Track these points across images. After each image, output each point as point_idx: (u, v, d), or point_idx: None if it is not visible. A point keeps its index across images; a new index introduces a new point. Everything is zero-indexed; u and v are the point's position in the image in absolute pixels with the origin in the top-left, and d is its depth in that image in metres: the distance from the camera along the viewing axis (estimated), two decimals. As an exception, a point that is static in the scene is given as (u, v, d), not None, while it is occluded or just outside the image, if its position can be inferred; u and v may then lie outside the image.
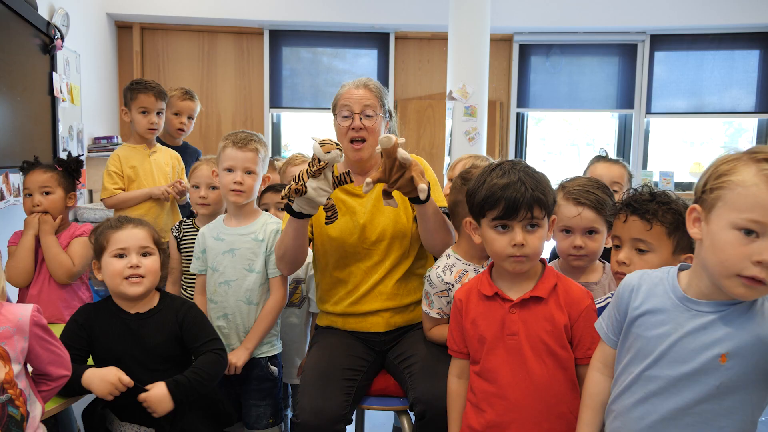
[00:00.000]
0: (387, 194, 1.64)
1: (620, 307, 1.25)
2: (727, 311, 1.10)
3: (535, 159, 5.68)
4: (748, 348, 1.07)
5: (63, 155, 3.21)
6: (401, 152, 1.55)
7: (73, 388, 1.51)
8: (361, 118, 1.85)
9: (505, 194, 1.34)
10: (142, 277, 1.62)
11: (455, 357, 1.54)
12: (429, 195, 1.68)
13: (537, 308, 1.39)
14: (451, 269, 1.77)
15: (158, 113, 2.73)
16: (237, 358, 1.87)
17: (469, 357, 1.49)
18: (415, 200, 1.68)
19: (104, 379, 1.51)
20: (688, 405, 1.12)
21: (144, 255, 1.65)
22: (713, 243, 1.06)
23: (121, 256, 1.62)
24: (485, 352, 1.42)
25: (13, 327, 1.27)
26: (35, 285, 2.09)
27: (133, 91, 2.71)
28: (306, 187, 1.60)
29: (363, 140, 1.87)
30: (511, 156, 5.44)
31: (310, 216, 1.71)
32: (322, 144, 1.57)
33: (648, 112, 5.33)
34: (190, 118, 3.09)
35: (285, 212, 1.74)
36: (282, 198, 1.68)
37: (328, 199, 1.67)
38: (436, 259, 1.88)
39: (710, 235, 1.06)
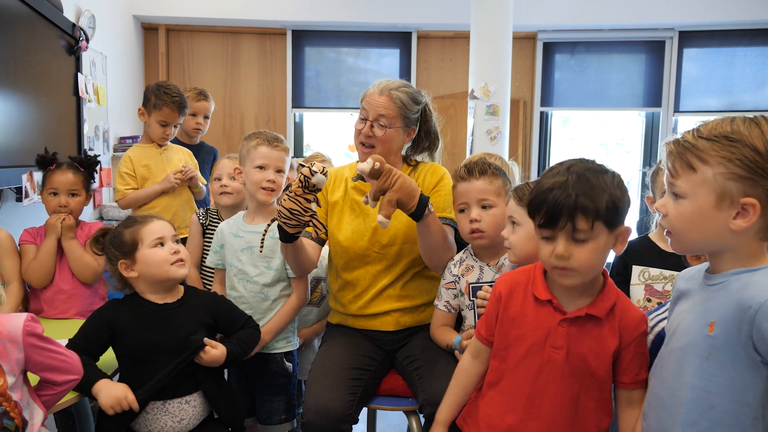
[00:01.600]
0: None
1: (672, 293, 1.29)
2: (726, 281, 1.09)
3: (560, 159, 5.58)
4: (730, 315, 1.04)
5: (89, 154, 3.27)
6: (360, 166, 1.58)
7: (84, 390, 1.51)
8: (372, 126, 1.84)
9: (546, 197, 1.21)
10: (183, 260, 1.67)
11: (478, 340, 1.46)
12: (423, 214, 1.66)
13: (589, 327, 1.29)
14: (461, 263, 1.80)
15: (175, 126, 2.78)
16: None
17: (492, 346, 1.42)
18: (412, 216, 1.67)
19: (111, 393, 1.51)
20: (684, 380, 1.11)
21: (176, 242, 1.70)
22: None
23: (160, 245, 1.66)
24: (521, 356, 1.34)
25: (5, 339, 1.26)
26: (60, 283, 2.13)
27: (159, 99, 2.73)
28: (314, 211, 1.61)
29: (372, 146, 1.86)
30: (534, 155, 5.37)
31: (296, 238, 1.70)
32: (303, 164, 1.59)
33: (676, 110, 5.21)
34: (205, 117, 3.14)
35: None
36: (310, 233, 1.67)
37: (312, 215, 1.63)
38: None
39: None
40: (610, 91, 5.32)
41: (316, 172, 1.57)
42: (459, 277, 1.78)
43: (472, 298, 1.74)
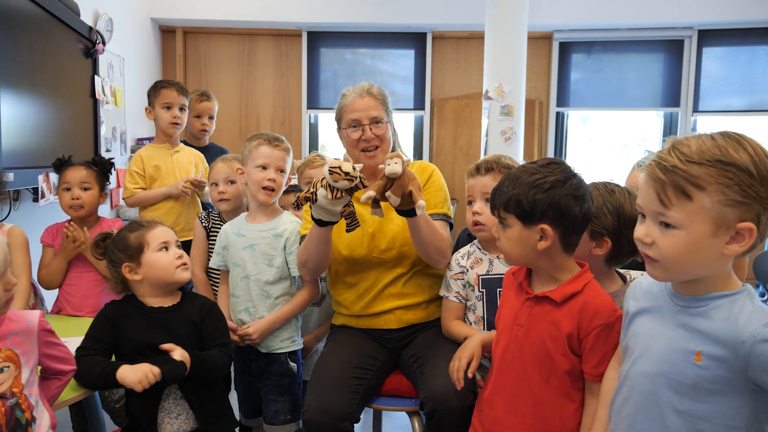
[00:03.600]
0: (375, 203, 1.61)
1: (625, 304, 1.26)
2: (706, 308, 1.06)
3: (577, 159, 5.54)
4: (720, 347, 1.01)
5: (105, 156, 3.33)
6: (395, 168, 1.55)
7: (107, 382, 1.54)
8: (371, 128, 1.86)
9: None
10: (186, 264, 1.70)
11: None
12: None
13: (548, 309, 1.37)
14: (469, 255, 1.83)
15: (181, 109, 2.82)
16: (254, 328, 1.90)
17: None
18: (406, 213, 1.65)
19: (135, 370, 1.53)
20: (667, 404, 1.08)
21: (177, 247, 1.72)
22: None
23: (165, 249, 1.68)
24: (499, 332, 1.47)
25: (23, 332, 1.31)
26: (77, 282, 2.18)
27: (156, 88, 2.85)
28: (316, 196, 1.60)
29: (376, 147, 1.88)
30: (550, 156, 5.33)
31: (331, 224, 1.70)
32: (331, 171, 1.55)
33: (695, 110, 5.13)
34: (210, 118, 3.18)
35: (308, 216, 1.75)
36: (293, 205, 1.69)
37: (347, 206, 1.65)
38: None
39: None
40: (628, 91, 5.26)
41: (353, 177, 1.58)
42: (467, 269, 1.80)
43: (482, 290, 1.77)
